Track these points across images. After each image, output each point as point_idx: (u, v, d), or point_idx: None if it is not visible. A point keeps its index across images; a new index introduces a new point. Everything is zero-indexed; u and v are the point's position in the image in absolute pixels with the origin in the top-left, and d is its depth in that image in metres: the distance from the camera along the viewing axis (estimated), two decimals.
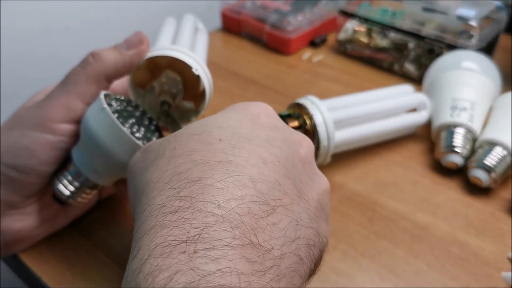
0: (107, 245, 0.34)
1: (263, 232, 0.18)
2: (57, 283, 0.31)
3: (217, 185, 0.19)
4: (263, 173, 0.20)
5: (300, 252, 0.20)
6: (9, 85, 0.54)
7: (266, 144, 0.22)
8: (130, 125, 0.29)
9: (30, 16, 0.53)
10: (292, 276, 0.19)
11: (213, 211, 0.18)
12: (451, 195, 0.37)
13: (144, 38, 0.31)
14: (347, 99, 0.40)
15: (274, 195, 0.20)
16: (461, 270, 0.31)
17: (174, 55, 0.31)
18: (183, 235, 0.17)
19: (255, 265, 0.17)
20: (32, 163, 0.29)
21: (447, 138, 0.38)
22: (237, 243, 0.17)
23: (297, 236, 0.20)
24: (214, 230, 0.17)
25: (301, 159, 0.23)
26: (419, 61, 0.51)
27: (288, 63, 0.56)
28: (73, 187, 0.30)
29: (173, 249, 0.17)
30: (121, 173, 0.31)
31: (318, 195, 0.23)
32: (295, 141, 0.24)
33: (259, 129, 0.23)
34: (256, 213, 0.19)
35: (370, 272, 0.32)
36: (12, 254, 0.33)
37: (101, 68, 0.30)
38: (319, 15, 0.59)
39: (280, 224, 0.19)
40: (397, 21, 0.51)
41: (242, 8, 0.60)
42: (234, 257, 0.17)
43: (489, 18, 0.48)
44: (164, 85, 0.33)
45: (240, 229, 0.18)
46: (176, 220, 0.18)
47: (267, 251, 0.18)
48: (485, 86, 0.41)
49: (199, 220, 0.17)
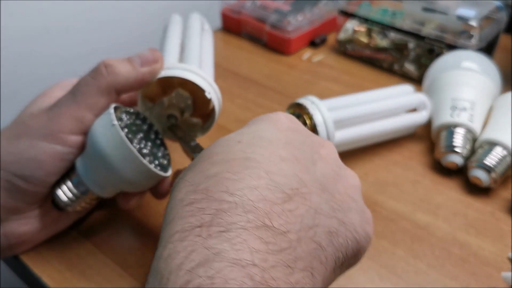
0: (107, 245, 0.34)
1: (278, 216, 0.19)
2: (57, 283, 0.31)
3: (233, 177, 0.19)
4: (281, 168, 0.21)
5: (319, 238, 0.20)
6: (10, 85, 0.54)
7: (285, 145, 0.22)
8: (138, 140, 0.29)
9: (30, 16, 0.53)
10: (311, 260, 0.19)
11: (226, 198, 0.18)
12: (451, 195, 0.37)
13: (159, 57, 0.31)
14: (347, 99, 0.40)
15: (291, 185, 0.20)
16: (461, 270, 0.31)
17: (187, 77, 0.31)
18: (198, 221, 0.18)
19: (270, 245, 0.17)
20: (40, 173, 0.28)
21: (447, 138, 0.38)
22: (251, 225, 0.18)
23: (315, 223, 0.20)
24: (228, 215, 0.18)
25: (323, 158, 0.23)
26: (419, 61, 0.51)
27: (288, 63, 0.56)
28: (73, 196, 0.30)
29: (188, 234, 0.18)
30: (124, 188, 0.30)
31: (346, 188, 0.23)
32: (315, 142, 0.24)
33: (279, 132, 0.23)
34: (270, 200, 0.19)
35: (370, 272, 0.32)
36: (13, 255, 0.33)
37: (113, 81, 0.29)
38: (319, 15, 0.59)
39: (297, 211, 0.19)
40: (397, 21, 0.51)
41: (242, 8, 0.60)
42: (248, 237, 0.17)
43: (489, 18, 0.48)
44: (173, 99, 0.33)
45: (254, 214, 0.18)
46: (192, 210, 0.19)
47: (282, 233, 0.18)
48: (485, 86, 0.41)
49: (213, 207, 0.18)
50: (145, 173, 0.29)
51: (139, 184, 0.30)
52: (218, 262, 0.16)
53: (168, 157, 0.32)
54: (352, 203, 0.23)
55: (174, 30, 0.37)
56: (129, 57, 0.30)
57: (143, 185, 0.30)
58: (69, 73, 0.37)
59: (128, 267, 0.32)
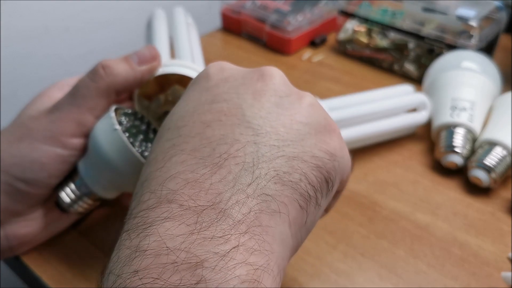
0: (107, 246, 0.34)
1: (205, 193, 0.18)
2: (57, 283, 0.31)
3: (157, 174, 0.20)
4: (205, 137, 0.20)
5: (263, 190, 0.19)
6: (9, 85, 0.54)
7: (211, 105, 0.22)
8: (139, 143, 0.29)
9: (30, 16, 0.53)
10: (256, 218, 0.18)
11: (149, 198, 0.19)
12: (451, 195, 0.37)
13: (157, 55, 0.31)
14: (347, 99, 0.40)
15: (219, 151, 0.19)
16: (461, 270, 0.31)
17: (186, 73, 0.31)
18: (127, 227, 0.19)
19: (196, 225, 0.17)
20: (42, 176, 0.29)
21: (447, 138, 0.38)
22: (175, 213, 0.17)
23: (255, 176, 0.19)
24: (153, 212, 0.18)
25: (258, 94, 0.22)
26: (419, 61, 0.51)
27: (288, 63, 0.56)
28: (76, 198, 0.30)
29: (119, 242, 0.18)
30: (127, 188, 0.31)
31: (293, 115, 0.22)
32: (251, 78, 0.23)
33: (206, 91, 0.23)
34: (195, 179, 0.19)
35: (370, 272, 0.32)
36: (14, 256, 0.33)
37: (112, 82, 0.29)
38: (319, 15, 0.59)
39: (229, 175, 0.19)
40: (397, 21, 0.51)
41: (242, 8, 0.60)
42: (170, 225, 0.17)
43: (489, 18, 0.48)
44: (169, 96, 0.33)
45: (177, 202, 0.18)
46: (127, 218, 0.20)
47: (209, 208, 0.18)
48: (485, 86, 0.41)
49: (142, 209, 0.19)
50: None
51: None
52: (138, 258, 0.16)
53: None
54: (304, 127, 0.21)
55: (160, 26, 0.37)
56: (126, 56, 0.30)
57: None
58: (69, 73, 0.37)
59: None
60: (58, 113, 0.29)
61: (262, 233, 0.18)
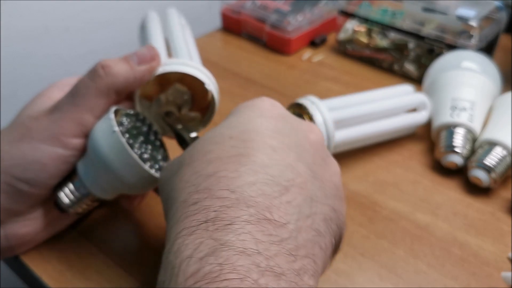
0: (107, 245, 0.34)
1: (277, 209, 0.20)
2: (57, 283, 0.31)
3: (230, 175, 0.20)
4: (274, 159, 0.22)
5: (317, 226, 0.21)
6: (9, 85, 0.54)
7: (274, 134, 0.23)
8: (139, 145, 0.29)
9: (30, 16, 0.53)
10: (312, 247, 0.20)
11: (228, 196, 0.19)
12: (451, 195, 0.37)
13: (157, 54, 0.31)
14: (347, 99, 0.40)
15: (287, 177, 0.21)
16: (461, 270, 0.31)
17: (186, 71, 0.31)
18: (204, 217, 0.19)
19: (272, 236, 0.19)
20: (43, 176, 0.29)
21: (447, 138, 0.38)
22: (253, 219, 0.19)
23: (312, 212, 0.21)
24: (232, 210, 0.19)
25: (312, 144, 0.24)
26: (419, 61, 0.51)
27: (288, 63, 0.56)
28: (75, 198, 0.30)
29: (196, 229, 0.19)
30: (125, 191, 0.31)
31: (331, 176, 0.24)
32: (303, 128, 0.25)
33: (267, 121, 0.24)
34: (269, 194, 0.20)
35: (370, 272, 0.32)
36: (14, 255, 0.33)
37: (111, 82, 0.29)
38: (319, 15, 0.59)
39: (294, 201, 0.20)
40: (397, 21, 0.51)
41: (242, 8, 0.60)
42: (251, 229, 0.18)
43: (489, 18, 0.48)
44: (170, 96, 0.33)
45: (255, 208, 0.19)
46: (197, 209, 0.20)
47: (282, 225, 0.19)
48: (485, 86, 0.41)
49: (218, 204, 0.19)
50: (146, 178, 0.29)
51: (140, 187, 0.30)
52: (225, 251, 0.17)
53: (167, 159, 0.32)
54: (337, 191, 0.24)
55: (156, 27, 0.37)
56: (125, 56, 0.30)
57: (144, 188, 0.31)
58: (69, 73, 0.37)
59: (128, 267, 0.32)
60: (58, 113, 0.29)
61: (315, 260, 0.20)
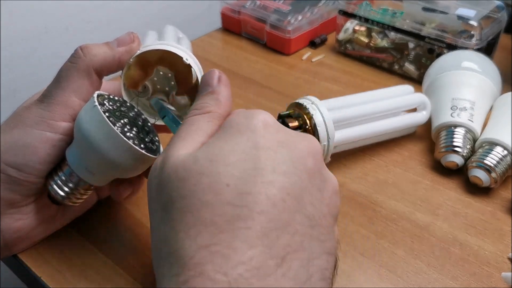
0: (107, 245, 0.34)
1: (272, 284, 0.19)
2: (57, 283, 0.31)
3: (225, 251, 0.20)
4: (273, 219, 0.20)
5: (315, 285, 0.21)
6: (9, 85, 0.54)
7: (273, 175, 0.21)
8: (122, 124, 0.29)
9: (30, 16, 0.53)
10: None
11: (221, 278, 0.19)
12: (451, 195, 0.37)
13: (136, 37, 0.32)
14: (347, 99, 0.40)
15: (283, 243, 0.20)
16: (461, 270, 0.31)
17: (163, 47, 0.31)
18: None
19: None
20: (33, 160, 0.29)
21: (447, 138, 0.38)
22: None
23: (309, 274, 0.21)
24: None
25: (309, 173, 0.23)
26: (419, 61, 0.51)
27: (288, 63, 0.56)
28: (67, 188, 0.30)
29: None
30: (114, 173, 0.31)
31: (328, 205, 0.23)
32: (302, 155, 0.23)
33: (265, 156, 0.22)
34: (264, 271, 0.19)
35: (370, 272, 0.32)
36: (12, 255, 0.33)
37: (91, 62, 0.30)
38: (319, 15, 0.59)
39: (290, 272, 0.20)
40: (397, 21, 0.51)
41: (242, 8, 0.60)
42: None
43: (489, 18, 0.48)
44: (157, 84, 0.33)
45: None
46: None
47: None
48: (485, 86, 0.41)
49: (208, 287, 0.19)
50: (129, 153, 0.29)
51: (127, 167, 0.29)
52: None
53: (157, 144, 0.32)
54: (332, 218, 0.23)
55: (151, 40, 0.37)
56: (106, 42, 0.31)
57: (132, 168, 0.30)
58: None
59: (128, 267, 0.32)
60: (46, 99, 0.30)
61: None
